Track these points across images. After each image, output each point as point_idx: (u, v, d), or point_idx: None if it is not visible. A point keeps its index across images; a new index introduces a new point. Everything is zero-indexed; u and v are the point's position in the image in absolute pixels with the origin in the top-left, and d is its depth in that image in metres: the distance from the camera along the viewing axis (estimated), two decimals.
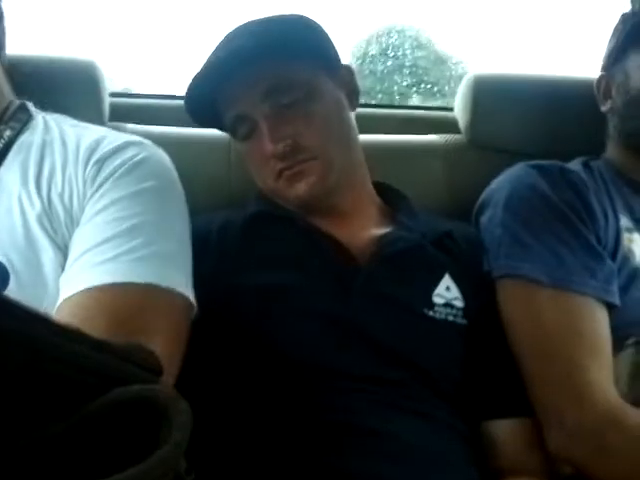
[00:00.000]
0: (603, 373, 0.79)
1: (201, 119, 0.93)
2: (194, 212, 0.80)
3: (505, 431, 0.81)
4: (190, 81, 0.84)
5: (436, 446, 0.74)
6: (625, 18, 1.07)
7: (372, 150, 0.98)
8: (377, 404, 0.74)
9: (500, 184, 0.97)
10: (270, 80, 0.84)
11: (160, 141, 0.81)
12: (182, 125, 1.05)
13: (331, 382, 0.74)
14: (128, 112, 1.11)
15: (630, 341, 0.83)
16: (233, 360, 0.78)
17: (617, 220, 0.91)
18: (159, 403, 0.37)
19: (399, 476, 0.70)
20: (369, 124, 1.08)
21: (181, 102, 0.89)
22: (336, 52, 0.91)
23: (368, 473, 0.69)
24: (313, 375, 0.75)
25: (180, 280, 0.68)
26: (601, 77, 1.07)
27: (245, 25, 0.86)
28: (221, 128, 0.94)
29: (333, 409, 0.73)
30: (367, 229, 0.89)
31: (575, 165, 1.01)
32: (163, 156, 0.78)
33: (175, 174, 0.78)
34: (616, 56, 1.04)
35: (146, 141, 0.78)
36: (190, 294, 0.69)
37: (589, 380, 0.77)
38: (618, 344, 0.82)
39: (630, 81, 1.00)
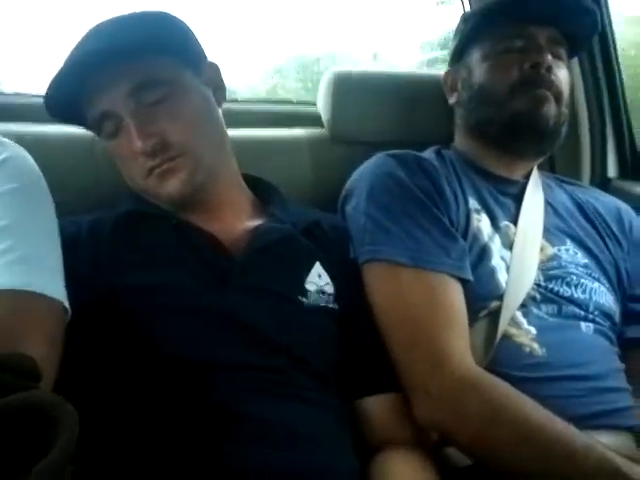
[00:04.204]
0: (460, 343, 0.86)
1: (62, 117, 0.90)
2: (62, 213, 0.78)
3: (376, 407, 0.86)
4: (53, 78, 0.81)
5: (316, 428, 0.77)
6: (465, 18, 1.17)
7: (241, 144, 1.00)
8: (257, 392, 0.76)
9: (361, 174, 1.03)
10: (135, 78, 0.83)
11: (21, 140, 0.78)
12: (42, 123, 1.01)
13: (211, 374, 0.76)
14: None
15: (482, 313, 0.92)
16: (113, 360, 0.77)
17: (466, 203, 1.00)
18: (45, 408, 0.38)
19: (282, 460, 0.72)
20: (238, 119, 1.10)
21: (40, 100, 0.86)
22: (201, 49, 0.92)
23: (252, 459, 0.71)
24: (193, 369, 0.76)
25: (50, 283, 0.67)
26: (447, 72, 1.17)
27: (109, 22, 0.85)
28: (83, 126, 0.92)
29: (214, 400, 0.74)
30: (240, 222, 0.91)
31: (428, 154, 1.09)
32: (26, 156, 0.75)
33: (40, 174, 0.75)
34: (460, 53, 1.13)
35: (7, 140, 0.74)
36: (62, 297, 0.68)
37: (448, 349, 0.85)
38: (472, 316, 0.91)
39: (472, 76, 1.09)
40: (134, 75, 0.83)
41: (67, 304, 0.68)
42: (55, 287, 0.67)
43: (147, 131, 0.83)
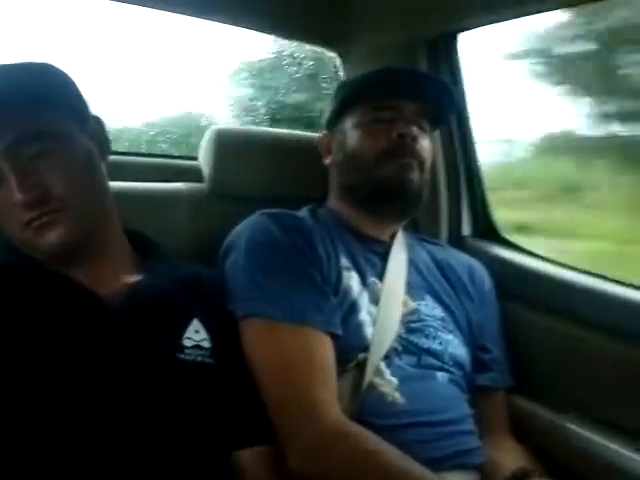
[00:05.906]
0: (330, 394, 0.92)
1: None
2: None
3: (250, 460, 0.89)
4: None
5: None
6: (340, 86, 1.27)
7: (121, 197, 1.00)
8: (138, 451, 0.76)
9: (240, 231, 1.07)
10: (18, 129, 0.83)
11: None
12: None
13: (83, 436, 0.75)
14: None
15: (350, 365, 0.99)
16: None
17: (338, 261, 1.07)
18: None
19: None
20: (118, 171, 1.10)
21: None
22: (85, 103, 0.93)
23: None
24: (74, 431, 0.74)
25: None
26: (324, 135, 1.25)
27: None
28: None
29: (82, 464, 0.73)
30: (119, 277, 0.91)
31: (303, 213, 1.16)
32: None
33: None
34: (335, 118, 1.21)
35: None
36: None
37: (318, 401, 0.90)
38: (341, 367, 0.97)
39: (345, 141, 1.17)
40: (17, 127, 0.83)
41: None
42: None
43: (28, 183, 0.82)
